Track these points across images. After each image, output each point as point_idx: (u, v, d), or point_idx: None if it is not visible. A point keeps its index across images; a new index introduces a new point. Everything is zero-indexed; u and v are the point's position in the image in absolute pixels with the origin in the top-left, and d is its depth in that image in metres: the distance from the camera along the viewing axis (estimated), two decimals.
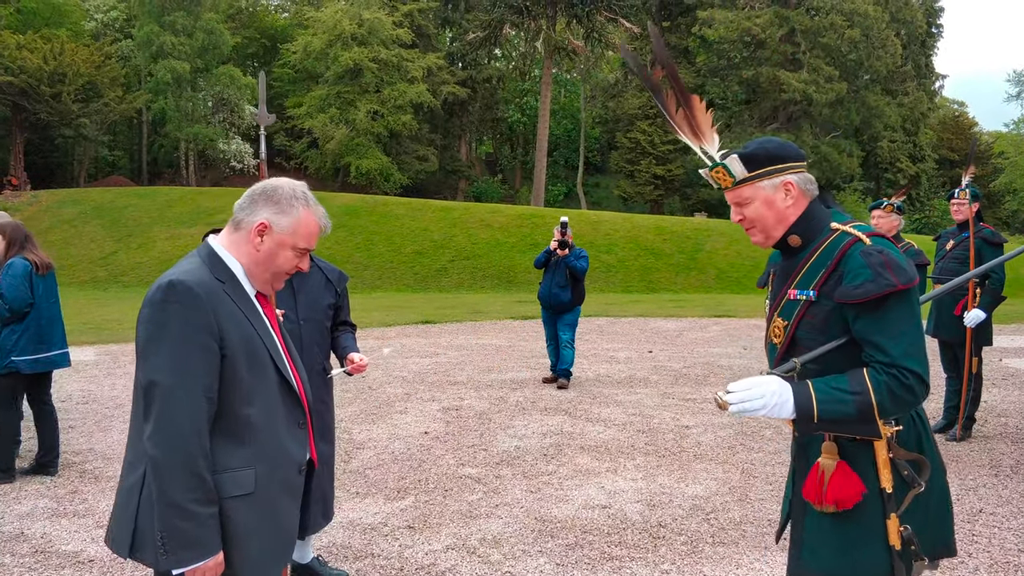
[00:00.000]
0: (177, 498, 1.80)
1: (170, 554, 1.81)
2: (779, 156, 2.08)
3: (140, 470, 1.89)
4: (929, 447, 2.07)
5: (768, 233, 2.13)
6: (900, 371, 1.90)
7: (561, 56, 41.05)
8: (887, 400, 1.90)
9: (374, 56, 38.72)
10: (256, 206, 2.02)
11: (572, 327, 8.19)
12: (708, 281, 23.96)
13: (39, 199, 29.82)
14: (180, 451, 1.80)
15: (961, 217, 6.03)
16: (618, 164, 44.40)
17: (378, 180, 39.20)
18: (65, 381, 8.34)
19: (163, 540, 1.81)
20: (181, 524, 1.80)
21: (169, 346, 1.82)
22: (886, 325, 1.93)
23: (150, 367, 1.83)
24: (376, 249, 25.34)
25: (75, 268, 24.71)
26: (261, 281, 2.07)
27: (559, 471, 5.25)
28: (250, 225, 2.01)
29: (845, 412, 1.91)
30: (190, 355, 1.83)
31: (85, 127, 35.32)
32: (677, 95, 2.07)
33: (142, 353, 1.86)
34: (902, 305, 1.93)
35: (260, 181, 2.10)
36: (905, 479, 1.99)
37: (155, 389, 1.82)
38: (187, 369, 1.82)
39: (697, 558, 3.84)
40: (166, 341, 1.83)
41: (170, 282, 1.86)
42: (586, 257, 8.15)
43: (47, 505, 4.60)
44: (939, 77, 49.39)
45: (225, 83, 39.66)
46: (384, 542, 4.05)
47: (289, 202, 2.02)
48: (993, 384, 8.21)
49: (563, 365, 8.16)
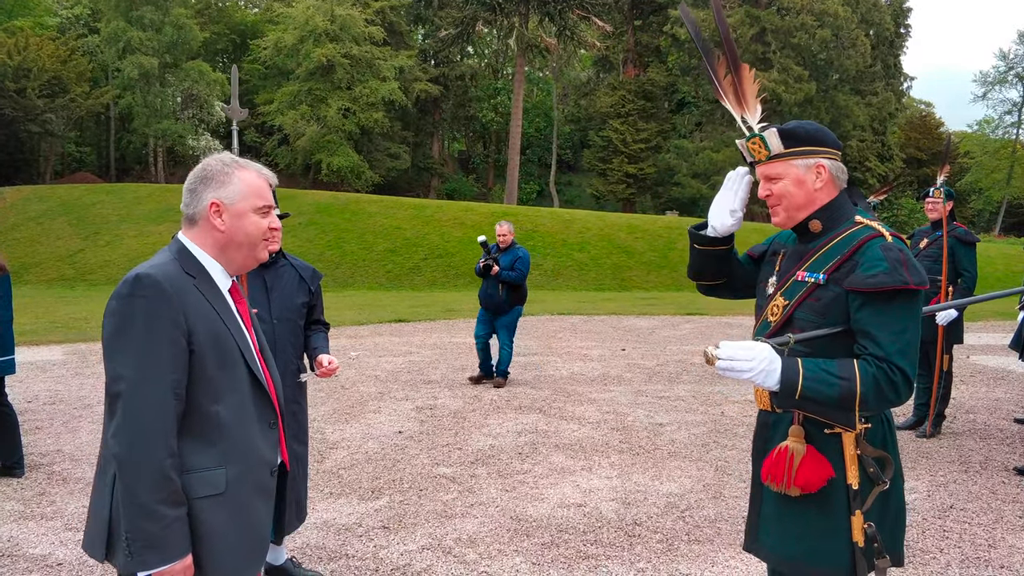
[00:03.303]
0: (143, 498, 1.74)
1: (135, 556, 1.75)
2: (817, 138, 2.09)
3: (111, 471, 1.82)
4: (893, 449, 2.09)
5: (791, 213, 2.13)
6: (890, 367, 1.91)
7: (534, 54, 41.03)
8: (871, 392, 1.91)
9: (346, 52, 38.42)
10: (198, 193, 1.96)
11: (510, 328, 8.11)
12: (680, 279, 24.12)
13: (4, 196, 29.16)
14: (146, 450, 1.74)
15: (935, 216, 6.08)
16: (590, 162, 44.56)
17: (349, 178, 38.92)
18: (32, 381, 8.18)
19: (128, 541, 1.75)
20: (146, 525, 1.74)
21: (135, 341, 1.77)
22: (888, 320, 1.93)
23: (116, 362, 1.78)
24: (348, 247, 25.16)
25: (42, 266, 24.23)
26: (242, 260, 2.02)
27: (534, 470, 5.26)
28: (203, 213, 1.95)
29: (828, 395, 1.91)
30: (157, 350, 1.77)
31: (51, 123, 34.65)
32: (729, 61, 2.10)
33: (107, 348, 1.79)
34: (908, 304, 1.95)
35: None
36: (870, 476, 2.02)
37: (120, 384, 1.76)
38: (153, 364, 1.77)
39: (673, 556, 3.86)
40: (132, 336, 1.77)
41: (137, 276, 1.81)
42: (525, 259, 7.98)
43: (13, 507, 4.50)
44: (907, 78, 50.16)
45: (194, 79, 39.11)
46: (359, 542, 4.02)
47: (224, 172, 1.97)
48: (962, 381, 8.37)
49: (501, 366, 8.10)
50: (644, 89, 44.25)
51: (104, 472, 1.88)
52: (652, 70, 45.87)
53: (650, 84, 44.56)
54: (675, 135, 44.65)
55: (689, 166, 41.53)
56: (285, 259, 3.58)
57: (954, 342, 6.15)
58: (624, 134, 42.60)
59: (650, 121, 43.70)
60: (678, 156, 42.25)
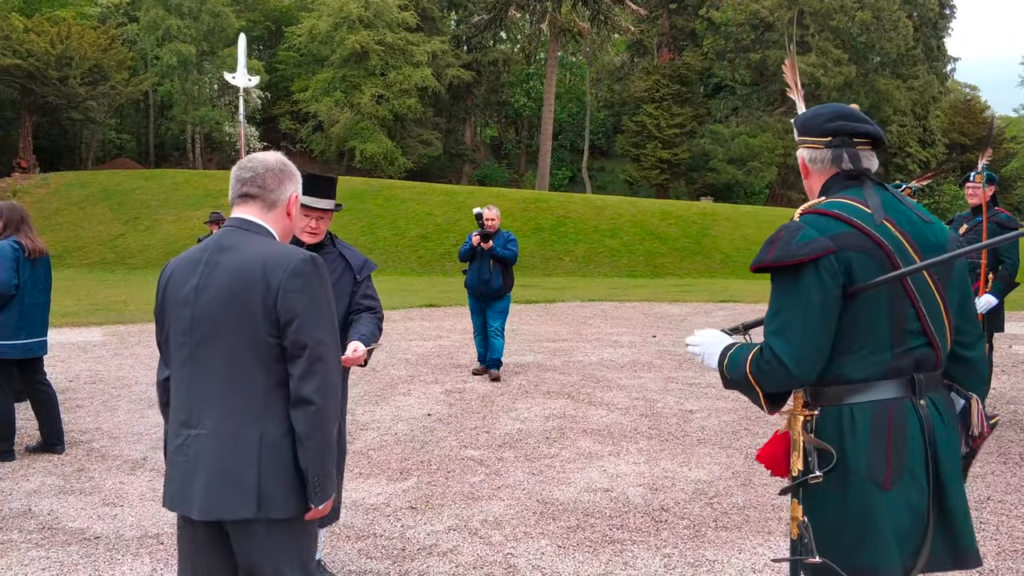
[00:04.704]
0: (330, 440, 2.05)
1: (318, 492, 2.05)
2: (800, 127, 2.12)
3: (255, 432, 2.02)
4: (852, 451, 1.89)
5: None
6: (763, 347, 1.91)
7: (567, 38, 40.75)
8: (757, 372, 1.92)
9: (379, 39, 38.53)
10: (283, 183, 2.21)
11: (503, 315, 7.76)
12: (713, 266, 23.91)
13: (48, 182, 29.87)
14: (335, 400, 2.07)
15: (976, 201, 5.89)
16: (623, 148, 44.16)
17: (382, 164, 39.11)
18: (73, 361, 8.39)
19: (318, 479, 2.04)
20: (327, 464, 2.06)
21: (327, 311, 2.08)
22: (771, 300, 1.95)
23: (314, 329, 2.03)
24: (380, 233, 25.34)
25: (84, 250, 24.81)
26: None
27: (561, 454, 5.26)
28: (283, 201, 2.21)
29: (738, 376, 1.97)
30: (334, 319, 2.14)
31: (92, 110, 35.31)
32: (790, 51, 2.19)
33: (304, 317, 2.02)
34: (780, 283, 1.91)
35: (259, 155, 2.25)
36: (808, 466, 1.92)
37: (321, 348, 2.04)
38: (335, 330, 2.12)
39: (699, 542, 3.84)
40: (324, 307, 2.07)
41: (312, 257, 2.08)
42: (515, 241, 7.68)
43: (54, 482, 4.63)
44: (951, 60, 48.86)
45: (231, 66, 39.52)
46: (386, 522, 4.07)
47: (295, 172, 2.28)
48: (1003, 371, 8.19)
49: (493, 355, 7.70)
50: (679, 73, 43.69)
51: (242, 435, 2.03)
52: (687, 54, 45.28)
53: (685, 68, 43.98)
54: (710, 120, 44.07)
55: (725, 151, 40.99)
56: (334, 246, 3.51)
57: (995, 330, 5.99)
58: (658, 119, 42.13)
59: (685, 106, 43.16)
60: (713, 141, 41.71)
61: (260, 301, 2.02)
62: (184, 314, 2.09)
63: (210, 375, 2.06)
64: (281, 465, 2.04)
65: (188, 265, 2.14)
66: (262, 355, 2.04)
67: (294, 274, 2.03)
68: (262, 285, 2.02)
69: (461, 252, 7.79)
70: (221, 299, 2.04)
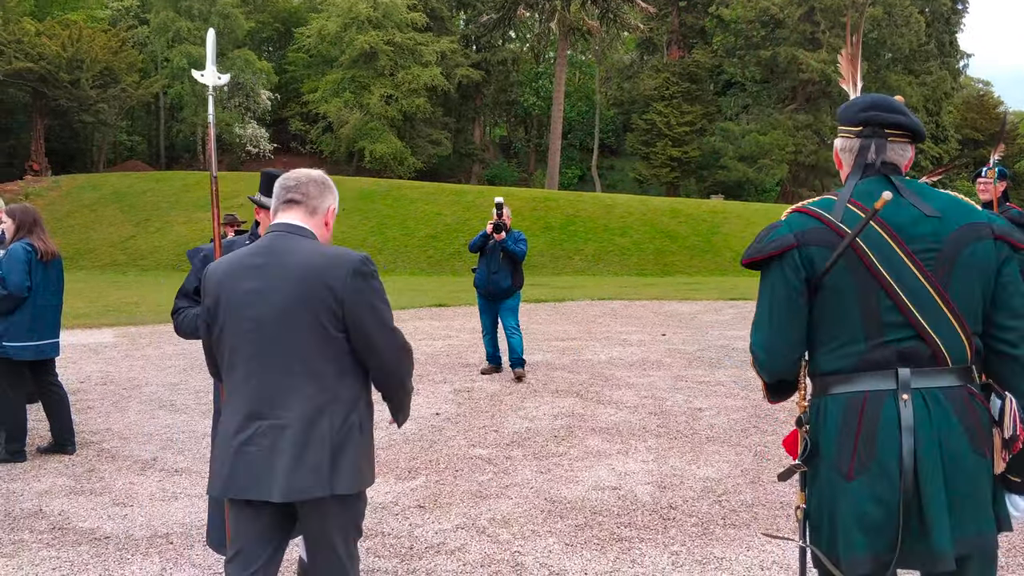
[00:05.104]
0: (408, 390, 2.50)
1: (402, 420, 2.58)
2: (838, 116, 2.12)
3: (326, 419, 2.25)
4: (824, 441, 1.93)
5: None
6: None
7: (576, 37, 40.71)
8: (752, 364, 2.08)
9: (388, 39, 38.59)
10: (325, 194, 2.43)
11: (514, 311, 7.67)
12: (724, 264, 23.81)
13: (60, 184, 30.11)
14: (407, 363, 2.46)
15: (987, 196, 5.85)
16: (633, 146, 44.03)
17: (392, 164, 39.18)
18: (84, 362, 8.45)
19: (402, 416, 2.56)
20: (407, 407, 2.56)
21: (382, 302, 2.35)
22: None
23: (385, 316, 2.34)
24: (390, 233, 25.39)
25: (95, 252, 24.97)
26: None
27: (569, 452, 5.26)
28: (324, 210, 2.42)
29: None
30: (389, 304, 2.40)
31: (103, 113, 35.50)
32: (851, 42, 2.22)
33: (366, 312, 2.29)
34: (763, 278, 2.02)
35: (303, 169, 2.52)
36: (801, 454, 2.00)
37: (394, 332, 2.37)
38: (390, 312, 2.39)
39: (708, 540, 3.83)
40: (381, 298, 2.35)
41: (366, 256, 2.35)
42: (525, 240, 7.62)
43: (65, 483, 4.66)
44: (964, 55, 48.47)
45: (240, 67, 39.71)
46: (394, 521, 4.07)
47: (335, 187, 2.51)
48: None
49: (514, 355, 7.63)
50: (689, 71, 43.52)
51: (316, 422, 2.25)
52: (697, 51, 45.10)
53: (695, 66, 43.81)
54: (721, 117, 43.87)
55: (735, 149, 40.81)
56: None
57: None
58: (668, 117, 41.98)
59: (695, 103, 43.00)
60: (724, 139, 41.53)
61: (325, 300, 2.24)
62: (248, 314, 2.26)
63: (282, 369, 2.25)
64: (348, 447, 2.28)
65: (242, 269, 2.31)
66: (328, 348, 2.27)
67: (355, 274, 2.27)
68: (326, 285, 2.24)
69: (472, 243, 7.77)
70: (288, 299, 2.24)
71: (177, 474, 4.84)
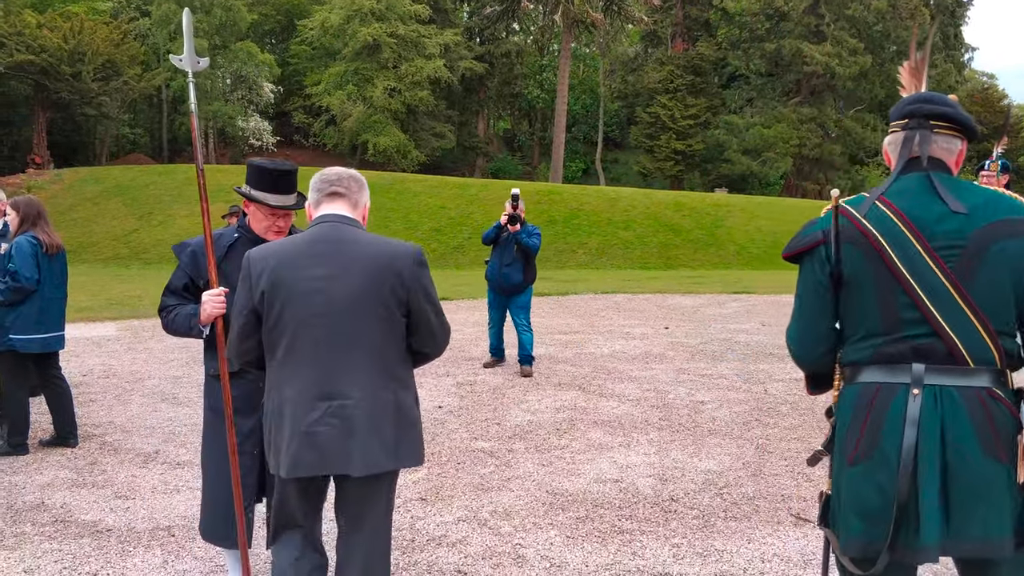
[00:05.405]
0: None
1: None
2: (890, 115, 2.13)
3: (392, 396, 2.42)
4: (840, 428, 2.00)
5: None
6: None
7: (580, 30, 40.53)
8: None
9: (391, 32, 38.46)
10: (363, 190, 2.59)
11: (526, 309, 7.61)
12: (727, 257, 23.78)
13: (62, 177, 30.09)
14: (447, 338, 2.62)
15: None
16: (637, 139, 43.89)
17: (395, 157, 39.10)
18: (87, 356, 8.46)
19: None
20: None
21: (434, 290, 2.54)
22: None
23: (435, 299, 2.53)
24: (393, 226, 25.35)
25: (98, 246, 24.98)
26: None
27: (571, 445, 5.25)
28: (363, 206, 2.58)
29: None
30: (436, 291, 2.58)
31: (105, 106, 35.43)
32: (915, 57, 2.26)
33: (430, 290, 2.51)
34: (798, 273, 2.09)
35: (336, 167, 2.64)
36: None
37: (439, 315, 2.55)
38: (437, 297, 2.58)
39: (709, 532, 3.83)
40: (433, 287, 2.53)
41: (421, 248, 2.53)
42: (539, 235, 7.57)
43: (67, 476, 4.67)
44: (969, 48, 48.21)
45: (243, 60, 39.63)
46: (396, 514, 4.06)
47: (367, 186, 2.64)
48: None
49: (523, 351, 7.56)
50: (693, 64, 43.35)
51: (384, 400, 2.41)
52: (701, 44, 44.89)
53: (699, 59, 43.63)
54: (725, 110, 43.72)
55: (739, 142, 40.66)
56: None
57: None
58: (672, 110, 41.82)
59: (699, 96, 42.83)
60: (728, 132, 41.38)
61: (392, 287, 2.39)
62: (316, 300, 2.35)
63: (350, 351, 2.37)
64: (408, 423, 2.48)
65: (303, 257, 2.38)
66: (394, 331, 2.44)
67: (416, 263, 2.47)
68: (393, 273, 2.40)
69: (485, 235, 7.69)
70: (359, 285, 2.37)
71: (179, 467, 4.84)
